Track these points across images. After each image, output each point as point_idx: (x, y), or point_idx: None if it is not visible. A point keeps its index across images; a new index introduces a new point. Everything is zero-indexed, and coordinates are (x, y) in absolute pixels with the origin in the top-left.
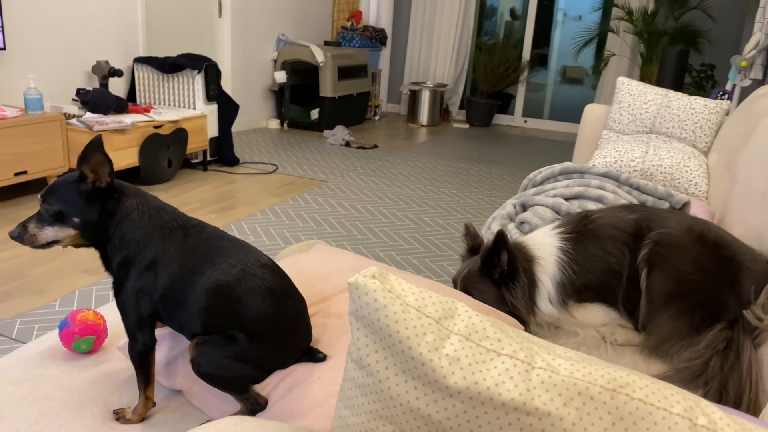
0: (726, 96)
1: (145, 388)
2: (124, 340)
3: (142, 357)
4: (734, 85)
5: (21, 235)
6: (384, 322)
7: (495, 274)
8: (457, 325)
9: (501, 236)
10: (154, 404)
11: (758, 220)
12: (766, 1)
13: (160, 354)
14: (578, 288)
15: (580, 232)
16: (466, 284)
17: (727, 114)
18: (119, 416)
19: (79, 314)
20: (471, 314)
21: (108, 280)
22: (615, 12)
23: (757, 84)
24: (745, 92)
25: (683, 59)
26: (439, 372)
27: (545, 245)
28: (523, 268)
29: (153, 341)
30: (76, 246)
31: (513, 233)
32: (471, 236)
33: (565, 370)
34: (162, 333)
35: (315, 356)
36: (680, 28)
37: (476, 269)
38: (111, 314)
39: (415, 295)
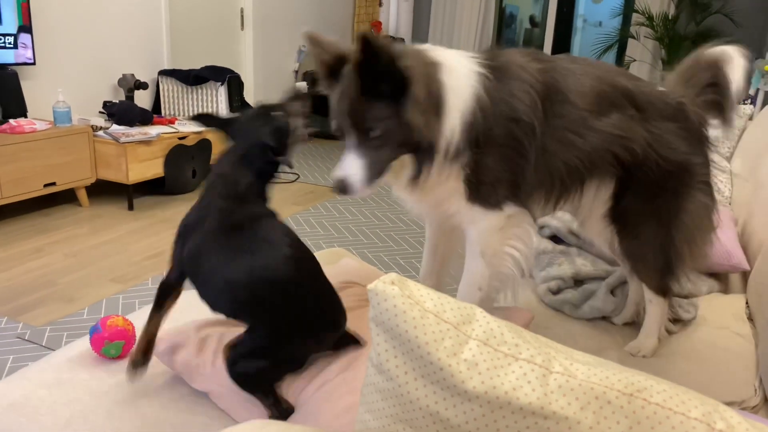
0: (749, 100)
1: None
2: (163, 345)
3: None
4: (757, 90)
5: None
6: (403, 328)
7: (383, 88)
8: (475, 330)
9: (366, 37)
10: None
11: None
12: None
13: (187, 356)
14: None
15: (495, 68)
16: (355, 119)
17: (750, 119)
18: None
19: (109, 320)
20: (489, 319)
21: (134, 289)
22: (635, 18)
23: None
24: None
25: None
26: (457, 377)
27: (458, 59)
28: (425, 74)
29: None
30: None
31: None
32: (322, 47)
33: (582, 374)
34: (183, 337)
35: (350, 343)
36: (702, 32)
37: (355, 91)
38: (139, 321)
39: (434, 300)
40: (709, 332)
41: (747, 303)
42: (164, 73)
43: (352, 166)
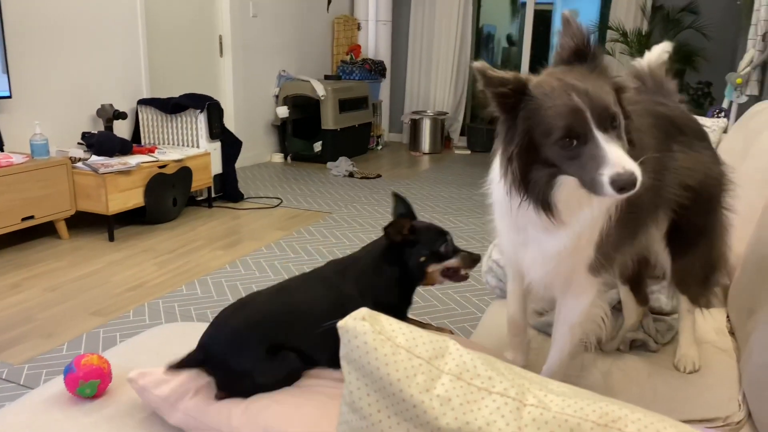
0: (723, 113)
1: None
2: (136, 371)
3: None
4: (731, 102)
5: None
6: (374, 365)
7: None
8: (447, 364)
9: None
10: None
11: (758, 237)
12: (758, 19)
13: (166, 390)
14: None
15: None
16: (601, 110)
17: (725, 131)
18: None
19: (84, 359)
20: (462, 352)
21: (115, 322)
22: (610, 34)
23: (754, 100)
24: (743, 109)
25: (680, 78)
26: (430, 413)
27: None
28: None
29: None
30: None
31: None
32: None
33: (557, 406)
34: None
35: None
36: (675, 47)
37: (599, 83)
38: (116, 358)
39: (406, 335)
40: None
41: (728, 317)
42: (143, 102)
43: (625, 156)
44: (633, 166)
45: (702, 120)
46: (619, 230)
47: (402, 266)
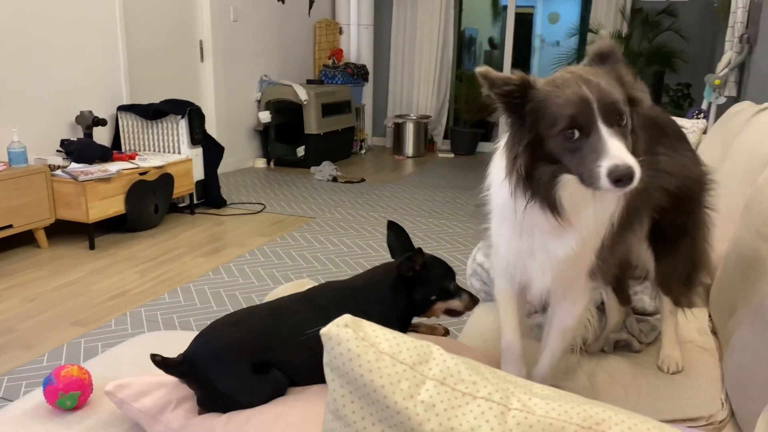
0: (702, 115)
1: None
2: (113, 384)
3: None
4: (710, 104)
5: None
6: (358, 372)
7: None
8: (432, 369)
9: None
10: None
11: (738, 236)
12: (734, 21)
13: (147, 403)
14: None
15: None
16: (608, 105)
17: (704, 133)
18: None
19: (63, 370)
20: (446, 357)
21: (96, 332)
22: (591, 37)
23: (732, 101)
24: (721, 110)
25: (659, 79)
26: (414, 419)
27: None
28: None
29: None
30: None
31: None
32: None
33: (541, 409)
34: (146, 384)
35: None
36: (655, 49)
37: (607, 79)
38: (97, 368)
39: (389, 341)
40: None
41: (710, 316)
42: (123, 108)
43: (626, 152)
44: (632, 161)
45: (682, 121)
46: (616, 235)
47: (408, 300)
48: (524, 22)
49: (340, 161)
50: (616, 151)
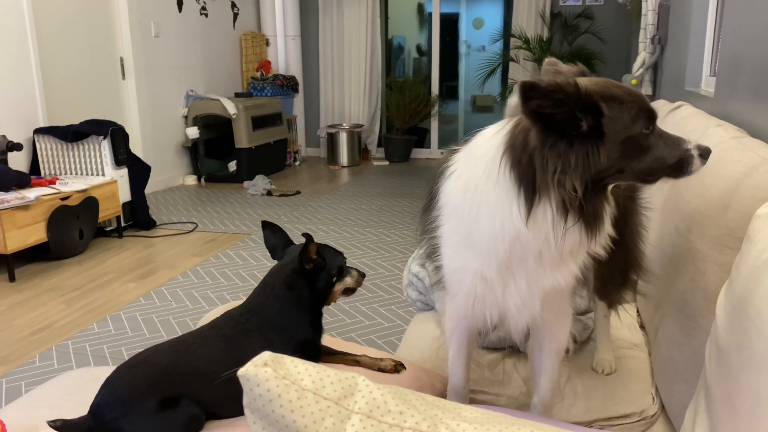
0: None
1: None
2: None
3: None
4: None
5: None
6: (279, 413)
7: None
8: (357, 402)
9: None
10: None
11: (658, 234)
12: (646, 23)
13: None
14: None
15: None
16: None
17: None
18: None
19: None
20: (372, 388)
21: (19, 370)
22: (513, 42)
23: (650, 100)
24: None
25: None
26: None
27: None
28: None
29: None
30: None
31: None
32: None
33: None
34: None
35: None
36: (575, 51)
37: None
38: (15, 414)
39: (312, 376)
40: None
41: (638, 311)
42: (40, 131)
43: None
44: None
45: None
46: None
47: (310, 291)
48: (450, 29)
49: (274, 174)
50: (684, 136)
